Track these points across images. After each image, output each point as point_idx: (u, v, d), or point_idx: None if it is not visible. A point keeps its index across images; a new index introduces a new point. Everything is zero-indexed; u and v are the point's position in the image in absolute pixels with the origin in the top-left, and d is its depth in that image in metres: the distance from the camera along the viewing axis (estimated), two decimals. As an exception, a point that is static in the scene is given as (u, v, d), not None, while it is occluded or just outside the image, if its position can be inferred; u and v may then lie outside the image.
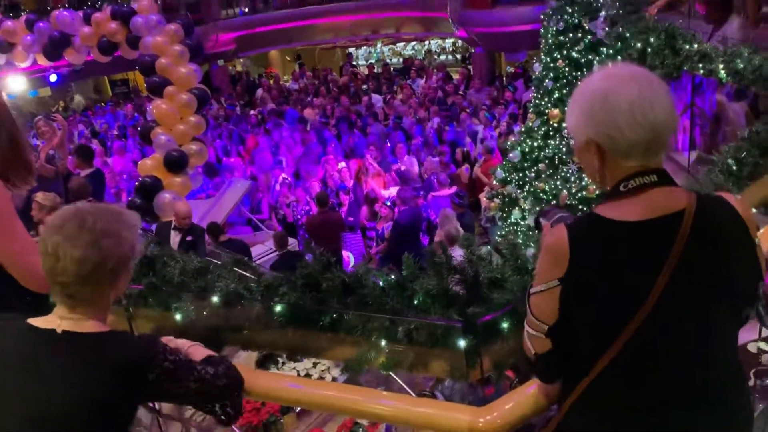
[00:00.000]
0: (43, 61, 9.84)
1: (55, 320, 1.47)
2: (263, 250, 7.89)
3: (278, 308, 1.98)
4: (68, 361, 1.43)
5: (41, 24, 9.16)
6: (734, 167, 2.41)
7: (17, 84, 12.86)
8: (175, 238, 6.18)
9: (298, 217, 8.65)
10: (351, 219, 8.81)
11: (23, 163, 2.14)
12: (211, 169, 10.05)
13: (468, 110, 11.58)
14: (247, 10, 16.30)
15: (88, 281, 1.44)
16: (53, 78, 13.62)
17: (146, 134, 8.27)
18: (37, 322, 1.48)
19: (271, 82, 16.32)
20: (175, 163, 7.86)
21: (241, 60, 18.51)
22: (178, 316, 2.06)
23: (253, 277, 2.13)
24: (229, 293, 2.01)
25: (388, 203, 8.56)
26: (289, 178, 9.93)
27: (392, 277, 2.01)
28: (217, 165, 10.70)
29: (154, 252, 2.21)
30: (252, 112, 13.76)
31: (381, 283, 1.99)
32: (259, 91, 15.18)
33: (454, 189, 8.16)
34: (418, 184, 8.91)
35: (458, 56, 18.58)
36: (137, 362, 1.44)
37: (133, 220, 1.53)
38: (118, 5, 9.12)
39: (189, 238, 6.22)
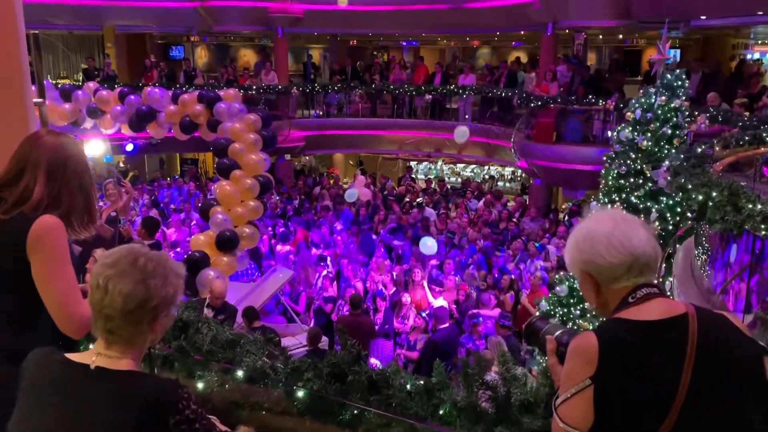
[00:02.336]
0: (125, 131, 10.51)
1: (91, 356, 1.53)
2: (293, 343, 7.81)
3: (300, 393, 1.93)
4: (96, 397, 1.46)
5: (132, 97, 9.87)
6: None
7: (96, 148, 13.68)
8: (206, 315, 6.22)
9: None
10: (387, 326, 8.69)
11: (88, 210, 2.25)
12: (256, 253, 10.24)
13: (522, 238, 11.59)
14: (321, 113, 17.20)
15: (130, 318, 1.51)
16: (129, 147, 14.42)
17: (205, 210, 8.55)
18: (73, 356, 1.54)
19: (331, 182, 16.84)
20: (227, 242, 8.04)
21: (307, 157, 19.30)
22: (200, 385, 2.03)
23: (280, 358, 2.09)
24: (254, 369, 1.98)
25: (424, 314, 8.45)
26: (332, 273, 9.99)
27: (420, 382, 1.95)
28: (266, 252, 10.90)
29: (190, 317, 2.22)
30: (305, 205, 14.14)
31: (408, 386, 1.93)
32: (317, 189, 15.65)
33: (498, 311, 8.02)
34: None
35: (515, 185, 18.87)
36: (161, 403, 1.46)
37: (180, 270, 1.60)
38: (205, 90, 9.77)
39: (220, 317, 6.24)
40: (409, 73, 17.39)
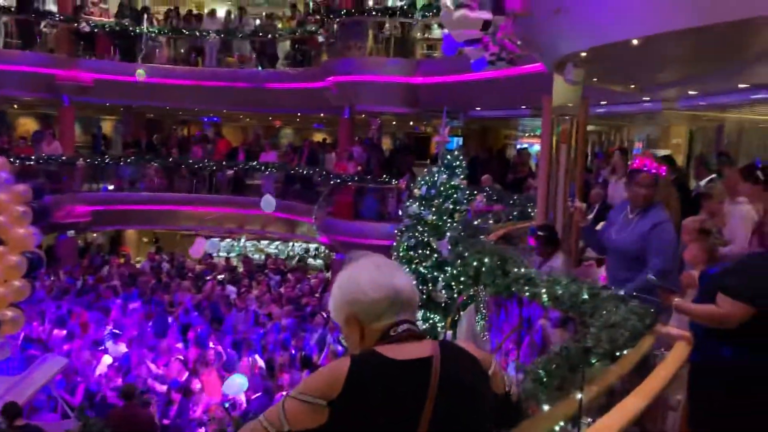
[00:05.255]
0: None
1: None
2: (67, 442, 6.87)
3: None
4: None
5: None
6: (544, 378, 2.51)
7: None
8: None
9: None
10: (180, 420, 7.97)
11: None
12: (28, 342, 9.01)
13: (323, 314, 11.60)
14: (112, 187, 16.09)
15: None
16: None
17: (-43, 293, 7.37)
18: None
19: (122, 260, 15.63)
20: (-17, 328, 6.96)
21: (94, 234, 17.76)
22: None
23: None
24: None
25: (227, 405, 7.96)
26: (118, 360, 9.08)
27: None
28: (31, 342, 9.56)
29: None
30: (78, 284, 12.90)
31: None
32: (106, 268, 14.42)
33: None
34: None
35: (320, 261, 19.07)
36: None
37: None
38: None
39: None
40: (210, 148, 17.11)
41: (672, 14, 4.28)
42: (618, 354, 2.71)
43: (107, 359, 9.10)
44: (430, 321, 7.71)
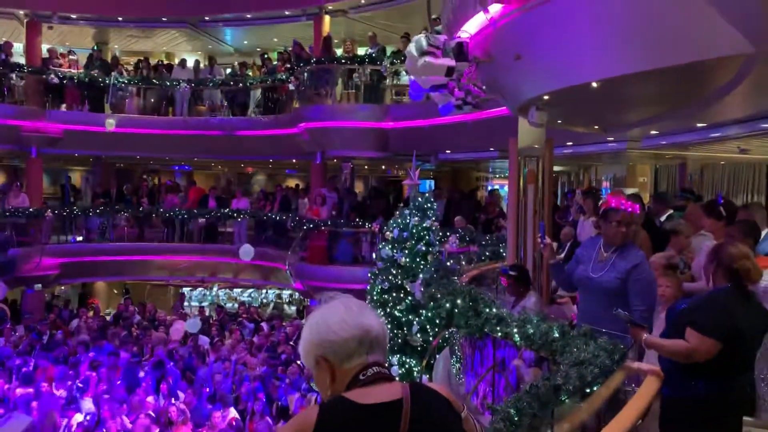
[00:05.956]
0: None
1: None
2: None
3: None
4: None
5: None
6: (515, 417, 2.50)
7: None
8: None
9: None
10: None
11: None
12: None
13: (298, 362, 11.41)
14: (80, 238, 15.82)
15: None
16: None
17: None
18: None
19: (91, 313, 15.24)
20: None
21: (62, 287, 17.36)
22: None
23: None
24: None
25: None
26: (88, 420, 8.75)
27: None
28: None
29: None
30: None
31: None
32: (75, 321, 14.04)
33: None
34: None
35: (294, 308, 18.85)
36: None
37: None
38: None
39: None
40: (182, 196, 17.00)
41: (628, 58, 4.45)
42: (588, 391, 2.71)
43: (78, 417, 8.77)
44: (406, 365, 7.64)
